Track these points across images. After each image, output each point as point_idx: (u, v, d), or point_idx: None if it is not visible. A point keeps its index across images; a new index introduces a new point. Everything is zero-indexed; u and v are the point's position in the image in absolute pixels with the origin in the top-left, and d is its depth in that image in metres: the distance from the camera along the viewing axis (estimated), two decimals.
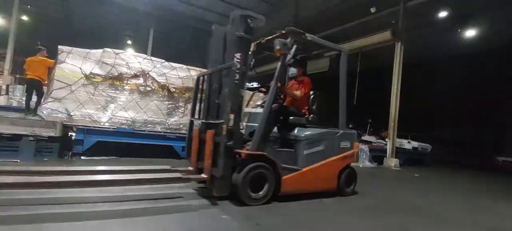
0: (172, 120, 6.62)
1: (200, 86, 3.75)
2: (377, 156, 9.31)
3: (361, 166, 8.27)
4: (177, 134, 6.35)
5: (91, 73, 5.74)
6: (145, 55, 6.92)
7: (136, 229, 2.31)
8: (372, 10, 10.96)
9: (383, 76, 13.05)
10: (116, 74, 5.98)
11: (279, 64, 3.59)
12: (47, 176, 2.72)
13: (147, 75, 6.35)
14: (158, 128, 6.37)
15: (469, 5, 10.80)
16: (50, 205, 2.54)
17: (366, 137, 12.92)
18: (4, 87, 12.36)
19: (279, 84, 3.83)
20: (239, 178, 3.08)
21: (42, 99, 6.33)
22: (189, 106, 6.62)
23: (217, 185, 3.07)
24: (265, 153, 3.27)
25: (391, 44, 9.80)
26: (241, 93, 3.24)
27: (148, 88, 6.35)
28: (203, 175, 3.12)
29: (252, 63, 4.11)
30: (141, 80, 6.27)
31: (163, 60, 6.77)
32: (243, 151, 3.17)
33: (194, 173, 3.43)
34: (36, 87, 6.85)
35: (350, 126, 14.22)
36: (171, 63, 6.81)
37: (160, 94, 6.48)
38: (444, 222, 3.41)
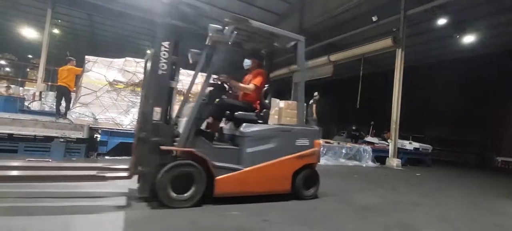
0: None
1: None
2: (380, 156, 9.15)
3: (364, 166, 8.17)
4: None
5: (114, 80, 5.88)
6: None
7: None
8: (374, 18, 10.85)
9: (385, 80, 12.87)
10: (136, 81, 6.10)
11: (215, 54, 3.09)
12: None
13: None
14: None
15: (467, 13, 10.59)
16: None
17: (369, 138, 12.75)
18: (37, 93, 12.76)
19: (223, 77, 3.43)
20: (158, 177, 2.64)
21: (71, 105, 6.51)
22: None
23: (140, 184, 2.77)
24: (192, 150, 2.78)
25: (392, 50, 9.66)
26: (170, 85, 2.83)
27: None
28: (123, 174, 2.76)
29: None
30: None
31: (180, 68, 6.86)
32: (166, 147, 2.71)
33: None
34: (64, 93, 7.09)
35: (354, 127, 14.20)
36: (186, 70, 6.88)
37: (176, 100, 6.54)
38: (446, 221, 3.33)
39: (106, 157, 5.37)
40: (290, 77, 15.03)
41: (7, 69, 21.57)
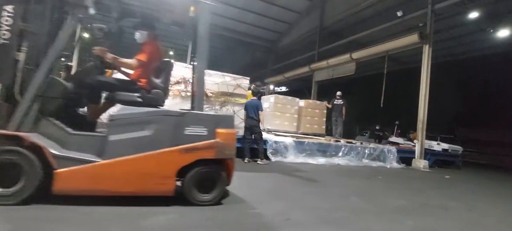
0: None
1: None
2: (405, 157, 8.78)
3: (388, 167, 7.88)
4: None
5: None
6: (185, 64, 7.20)
7: None
8: (399, 14, 10.43)
9: (410, 78, 12.33)
10: None
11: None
12: None
13: (188, 82, 6.60)
14: None
15: (502, 4, 9.87)
16: None
17: (393, 138, 12.31)
18: None
19: (97, 50, 2.84)
20: None
21: None
22: (224, 109, 6.80)
23: None
24: (20, 133, 2.24)
25: (419, 46, 9.23)
26: (15, 57, 2.35)
27: (189, 93, 6.58)
28: None
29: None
30: (182, 86, 6.52)
31: None
32: None
33: None
34: None
35: (377, 127, 13.77)
36: (208, 70, 7.01)
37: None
38: (480, 227, 3.12)
39: None
40: (310, 76, 14.83)
41: None
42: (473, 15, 10.26)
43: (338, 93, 9.73)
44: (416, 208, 3.70)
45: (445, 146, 10.32)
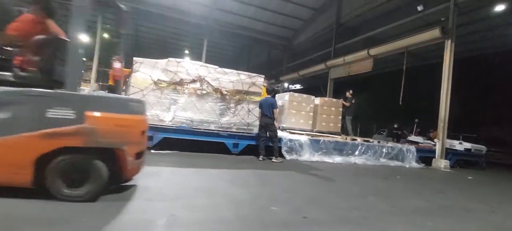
0: (224, 119, 6.87)
1: None
2: (425, 157, 8.53)
3: (407, 167, 7.69)
4: (229, 132, 6.59)
5: (158, 79, 6.26)
6: (201, 63, 7.32)
7: None
8: (419, 8, 10.08)
9: (431, 74, 11.91)
10: (177, 80, 6.43)
11: None
12: None
13: (203, 80, 6.71)
14: (212, 127, 6.69)
15: None
16: None
17: (412, 137, 11.97)
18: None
19: None
20: None
21: None
22: (239, 107, 6.87)
23: None
24: None
25: (441, 41, 8.89)
26: None
27: (204, 92, 6.69)
28: None
29: None
30: (198, 85, 6.64)
31: (216, 67, 7.08)
32: None
33: None
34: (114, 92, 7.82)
35: (395, 125, 13.43)
36: (223, 69, 7.10)
37: (214, 97, 6.78)
38: (503, 230, 3.01)
39: (152, 151, 5.77)
40: (326, 73, 14.64)
41: None
42: (499, 8, 9.75)
43: (350, 92, 9.68)
44: (436, 210, 3.60)
45: (467, 145, 9.92)
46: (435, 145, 8.80)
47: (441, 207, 3.74)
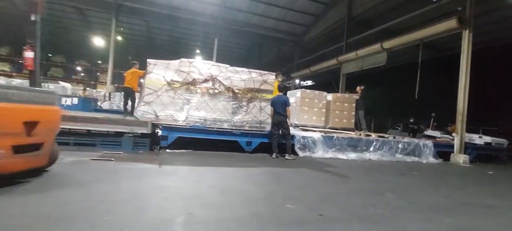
0: (237, 118, 6.92)
1: None
2: (443, 151, 8.28)
3: (424, 162, 7.49)
4: (241, 130, 6.63)
5: (171, 80, 6.37)
6: (212, 62, 7.38)
7: None
8: None
9: (448, 66, 11.53)
10: (190, 80, 6.52)
11: None
12: None
13: (215, 80, 6.77)
14: (225, 125, 6.75)
15: None
16: None
17: (429, 132, 11.66)
18: (107, 94, 14.49)
19: None
20: None
21: (135, 104, 7.28)
22: (251, 105, 6.90)
23: None
24: None
25: (458, 32, 8.57)
26: None
27: (216, 91, 6.75)
28: None
29: None
30: (210, 84, 6.71)
31: (228, 66, 7.12)
32: None
33: None
34: (129, 94, 8.01)
35: (411, 120, 13.10)
36: (234, 67, 7.13)
37: (226, 96, 6.83)
38: None
39: (167, 150, 5.89)
40: (338, 68, 14.43)
41: (82, 74, 24.89)
42: None
43: (361, 87, 9.45)
44: (456, 206, 3.51)
45: (487, 139, 9.55)
46: (453, 139, 8.53)
47: (460, 204, 3.64)
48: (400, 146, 7.63)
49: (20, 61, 22.13)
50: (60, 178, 3.29)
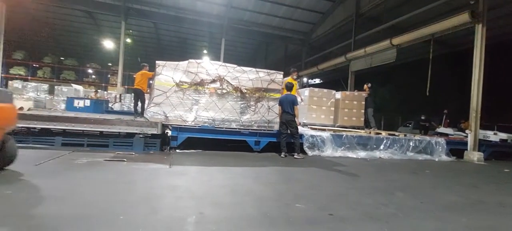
0: (245, 117, 6.95)
1: None
2: (456, 149, 8.10)
3: (437, 160, 7.35)
4: (250, 130, 6.66)
5: (180, 81, 6.44)
6: (220, 62, 7.43)
7: None
8: None
9: (461, 62, 11.27)
10: (198, 80, 6.58)
11: None
12: None
13: (223, 80, 6.81)
14: (233, 125, 6.78)
15: None
16: None
17: (441, 129, 11.43)
18: (117, 96, 14.75)
19: None
20: None
21: (146, 105, 7.40)
22: (259, 105, 6.91)
23: None
24: None
25: (470, 26, 8.36)
26: None
27: (224, 91, 6.79)
28: None
29: None
30: (218, 84, 6.76)
31: (235, 65, 7.15)
32: None
33: None
34: (139, 95, 8.16)
35: (423, 117, 12.85)
36: (242, 67, 7.16)
37: (234, 96, 6.87)
38: None
39: (177, 151, 5.97)
40: (347, 66, 14.28)
41: (93, 76, 25.41)
42: None
43: (368, 85, 9.39)
44: (470, 205, 3.43)
45: (503, 135, 9.29)
46: (466, 136, 8.33)
47: (475, 202, 3.56)
48: (411, 143, 7.51)
49: (34, 65, 22.80)
50: (78, 179, 3.39)
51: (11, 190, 2.76)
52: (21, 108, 6.73)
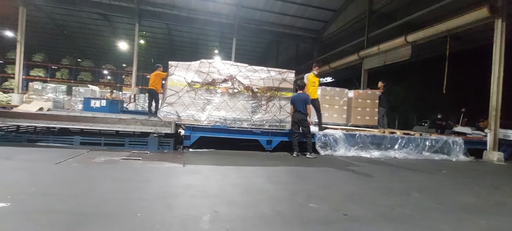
0: (256, 117, 6.96)
1: None
2: (474, 149, 7.83)
3: (454, 160, 7.13)
4: (262, 129, 6.67)
5: (192, 81, 6.53)
6: (231, 62, 7.47)
7: None
8: None
9: (479, 58, 10.87)
10: (210, 80, 6.65)
11: None
12: None
13: (234, 79, 6.85)
14: (245, 124, 6.82)
15: None
16: None
17: (459, 128, 11.08)
18: (132, 96, 15.09)
19: None
20: None
21: (159, 105, 7.55)
22: (271, 104, 6.91)
23: None
24: None
25: (489, 21, 8.05)
26: None
27: (236, 90, 6.83)
28: None
29: None
30: (229, 84, 6.80)
31: (247, 65, 7.18)
32: None
33: None
34: (153, 95, 8.33)
35: (439, 116, 12.48)
36: (253, 66, 7.18)
37: (245, 95, 6.89)
38: None
39: (190, 150, 6.06)
40: (359, 64, 14.05)
41: (109, 77, 26.09)
42: None
43: (382, 84, 9.23)
44: (490, 207, 3.32)
45: None
46: (486, 136, 8.04)
47: (495, 204, 3.44)
48: (427, 143, 7.32)
49: (53, 67, 23.62)
50: (97, 177, 3.50)
51: (35, 188, 2.89)
52: (41, 108, 6.99)
